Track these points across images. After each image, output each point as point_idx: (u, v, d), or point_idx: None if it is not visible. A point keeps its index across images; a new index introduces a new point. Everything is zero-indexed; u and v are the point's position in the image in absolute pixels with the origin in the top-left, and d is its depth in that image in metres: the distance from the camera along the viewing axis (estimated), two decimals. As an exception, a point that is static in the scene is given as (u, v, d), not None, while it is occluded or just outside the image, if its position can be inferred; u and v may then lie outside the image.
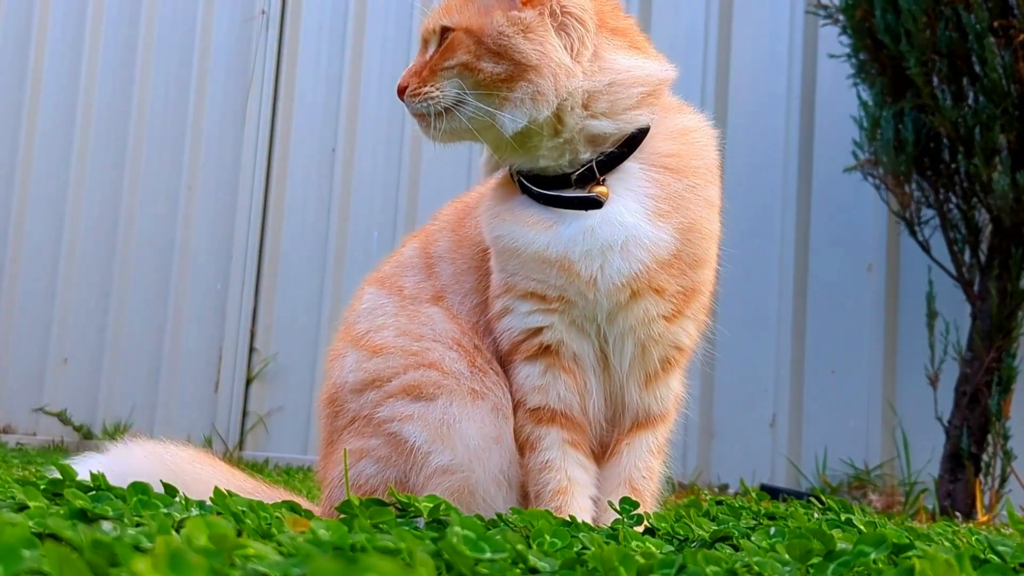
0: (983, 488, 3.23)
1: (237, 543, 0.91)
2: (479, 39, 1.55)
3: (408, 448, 1.59)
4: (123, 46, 5.27)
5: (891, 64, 3.39)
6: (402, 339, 1.66)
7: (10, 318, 5.27)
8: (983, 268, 3.34)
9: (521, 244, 1.57)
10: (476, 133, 1.57)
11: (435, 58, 1.58)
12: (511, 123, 1.54)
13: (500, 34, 1.55)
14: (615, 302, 1.55)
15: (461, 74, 1.55)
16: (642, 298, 1.56)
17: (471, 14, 1.58)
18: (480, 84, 1.55)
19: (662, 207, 1.57)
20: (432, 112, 1.57)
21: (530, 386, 1.61)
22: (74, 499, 1.26)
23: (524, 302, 1.59)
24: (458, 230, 1.79)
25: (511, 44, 1.54)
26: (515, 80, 1.54)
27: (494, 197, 1.66)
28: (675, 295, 1.59)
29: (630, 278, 1.54)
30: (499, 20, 1.55)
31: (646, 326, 1.59)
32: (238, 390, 4.83)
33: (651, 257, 1.54)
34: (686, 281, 1.59)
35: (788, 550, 1.13)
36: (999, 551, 1.16)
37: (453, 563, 0.98)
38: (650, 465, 1.66)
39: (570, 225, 1.56)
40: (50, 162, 5.31)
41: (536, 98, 1.54)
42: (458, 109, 1.56)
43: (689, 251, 1.58)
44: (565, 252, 1.54)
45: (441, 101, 1.56)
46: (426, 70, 1.58)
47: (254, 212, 4.93)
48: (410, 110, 1.60)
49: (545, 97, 1.53)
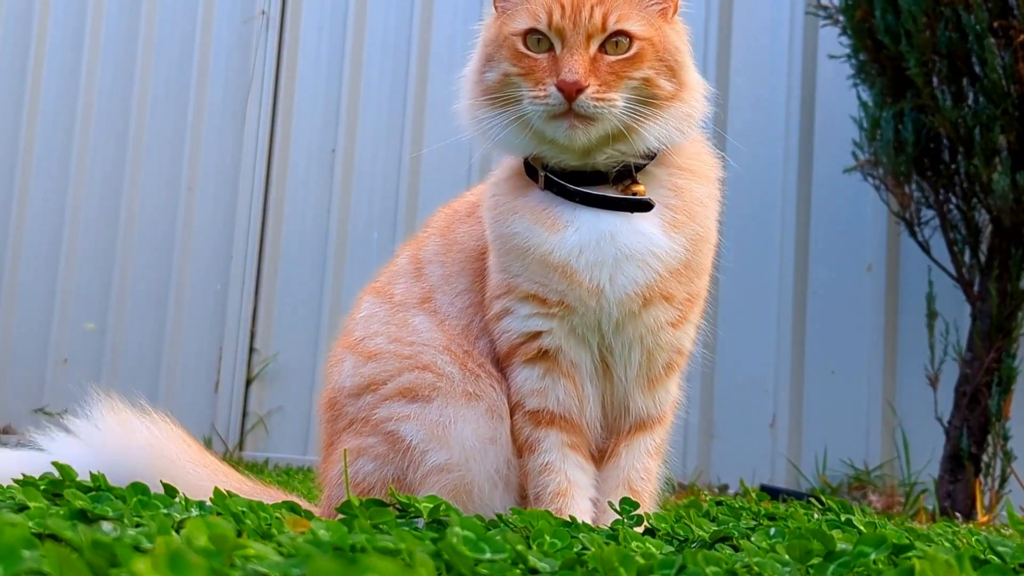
0: (983, 489, 3.23)
1: (237, 543, 0.91)
2: (660, 54, 1.52)
3: (405, 446, 1.60)
4: (123, 47, 5.27)
5: (891, 64, 3.39)
6: (394, 345, 1.67)
7: (10, 318, 5.27)
8: (983, 268, 3.34)
9: (532, 244, 1.56)
10: (602, 142, 1.53)
11: (621, 64, 1.51)
12: (655, 141, 1.54)
13: (677, 50, 1.54)
14: (627, 311, 1.55)
15: (638, 88, 1.52)
16: (653, 306, 1.57)
17: (646, 23, 1.53)
18: (650, 99, 1.52)
19: (679, 217, 1.57)
20: (606, 119, 1.50)
21: (528, 389, 1.61)
22: (74, 499, 1.26)
23: (524, 304, 1.59)
24: (447, 234, 1.79)
25: (683, 62, 1.54)
26: (674, 99, 1.54)
27: (501, 193, 1.64)
28: (682, 302, 1.60)
29: (644, 287, 1.54)
30: (672, 34, 1.54)
31: (655, 334, 1.59)
32: (238, 390, 4.83)
33: (664, 266, 1.55)
34: (691, 289, 1.61)
35: (788, 550, 1.13)
36: (999, 552, 1.16)
37: (453, 563, 0.98)
38: (648, 467, 1.66)
39: (579, 230, 1.54)
40: (50, 162, 5.31)
41: (685, 120, 1.54)
42: (616, 118, 1.51)
43: (697, 260, 1.60)
44: (568, 259, 1.53)
45: (620, 110, 1.50)
46: (610, 75, 1.50)
47: (254, 212, 4.93)
48: (580, 110, 1.49)
49: (692, 120, 1.55)
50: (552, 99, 1.50)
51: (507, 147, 1.63)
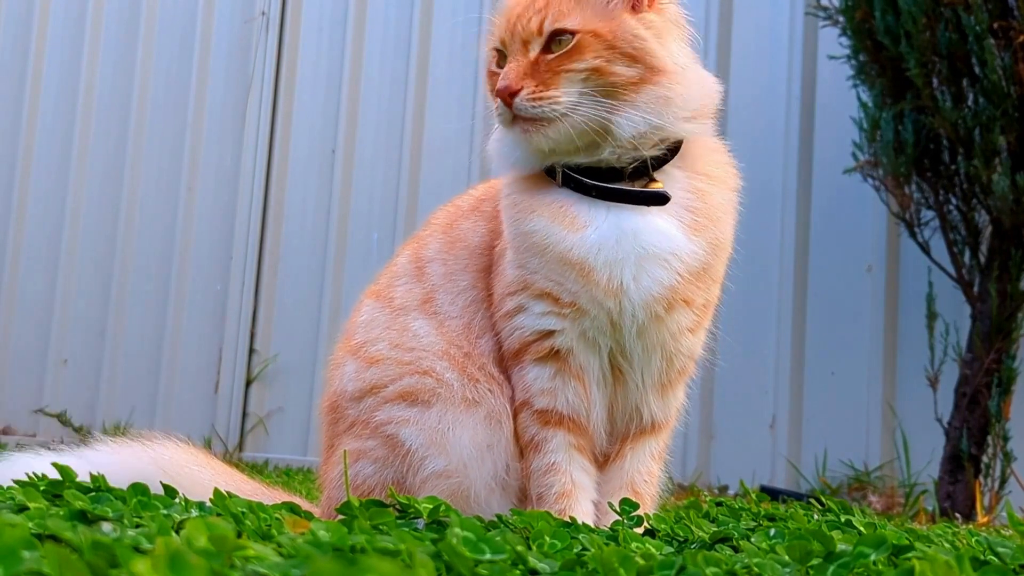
0: (983, 489, 3.23)
1: (237, 544, 0.91)
2: (611, 43, 1.53)
3: (404, 451, 1.60)
4: (123, 47, 5.27)
5: (891, 65, 3.39)
6: (395, 351, 1.67)
7: (10, 319, 5.27)
8: (983, 269, 3.34)
9: (552, 242, 1.55)
10: (580, 137, 1.53)
11: (557, 60, 1.52)
12: (629, 127, 1.53)
13: (636, 37, 1.54)
14: (651, 313, 1.54)
15: (589, 78, 1.52)
16: (676, 311, 1.56)
17: (592, 17, 1.54)
18: (605, 88, 1.52)
19: (700, 220, 1.57)
20: (550, 117, 1.51)
21: (538, 388, 1.60)
22: (74, 500, 1.27)
23: (539, 302, 1.58)
24: (449, 232, 1.79)
25: (646, 47, 1.53)
26: (643, 84, 1.53)
27: (518, 191, 1.64)
28: (700, 308, 1.60)
29: (669, 288, 1.53)
30: (631, 23, 1.54)
31: (676, 339, 1.59)
32: (238, 391, 4.83)
33: (686, 268, 1.54)
34: (708, 295, 1.61)
35: (788, 551, 1.13)
36: (999, 552, 1.16)
37: (453, 564, 0.98)
38: (651, 470, 1.67)
39: (599, 228, 1.54)
40: (50, 163, 5.31)
41: (662, 102, 1.53)
42: (574, 113, 1.51)
43: (714, 266, 1.60)
44: (586, 257, 1.53)
45: (564, 106, 1.51)
46: (546, 72, 1.52)
47: (254, 213, 4.93)
48: (523, 113, 1.51)
49: (671, 101, 1.54)
50: (499, 108, 1.55)
51: (520, 166, 1.64)
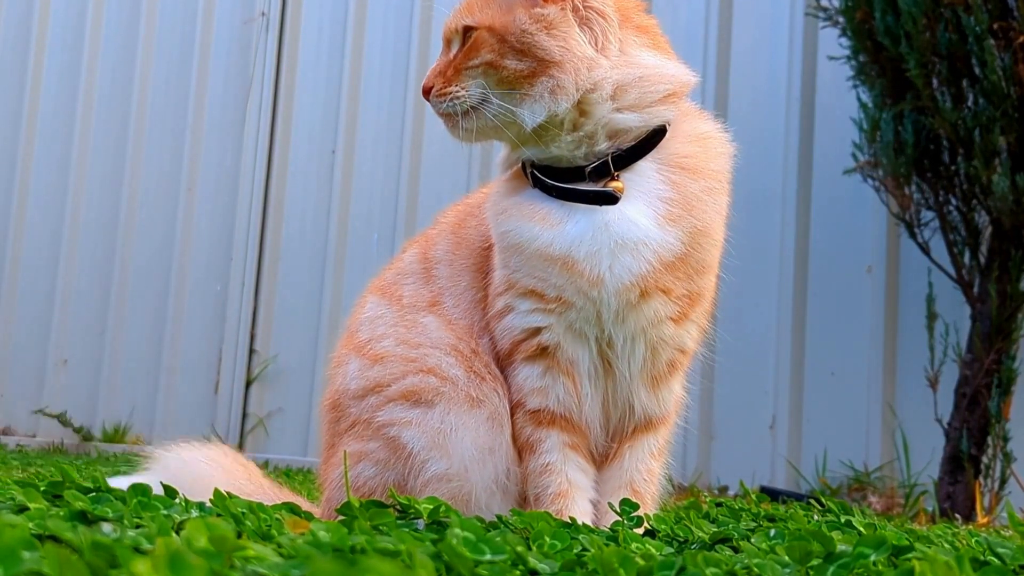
0: (983, 490, 3.23)
1: (237, 545, 0.91)
2: (502, 37, 1.56)
3: (406, 453, 1.59)
4: (123, 48, 5.27)
5: (891, 66, 3.39)
6: (401, 348, 1.67)
7: (10, 319, 5.27)
8: (983, 270, 3.34)
9: (525, 240, 1.56)
10: (501, 130, 1.59)
11: (459, 57, 1.59)
12: (531, 118, 1.56)
13: (523, 31, 1.56)
14: (625, 301, 1.55)
15: (485, 72, 1.57)
16: (652, 298, 1.56)
17: (493, 13, 1.59)
18: (503, 82, 1.56)
19: (674, 211, 1.57)
20: (459, 112, 1.58)
21: (530, 388, 1.60)
22: (74, 501, 1.26)
23: (525, 300, 1.59)
24: (458, 231, 1.79)
25: (534, 41, 1.56)
26: (537, 76, 1.55)
27: (502, 192, 1.66)
28: (681, 298, 1.59)
29: (639, 276, 1.53)
30: (522, 18, 1.57)
31: (656, 327, 1.59)
32: (238, 392, 4.83)
33: (657, 258, 1.54)
34: (692, 286, 1.60)
35: (788, 552, 1.13)
36: (999, 553, 1.16)
37: (453, 565, 0.98)
38: (651, 468, 1.66)
39: (578, 223, 1.55)
40: (50, 163, 5.32)
41: (555, 92, 1.55)
42: (483, 107, 1.57)
43: (697, 256, 1.58)
44: (568, 250, 1.54)
45: (467, 100, 1.57)
46: (450, 70, 1.59)
47: (254, 213, 4.93)
48: (436, 110, 1.61)
49: (565, 90, 1.55)
50: None
51: (503, 164, 1.71)
